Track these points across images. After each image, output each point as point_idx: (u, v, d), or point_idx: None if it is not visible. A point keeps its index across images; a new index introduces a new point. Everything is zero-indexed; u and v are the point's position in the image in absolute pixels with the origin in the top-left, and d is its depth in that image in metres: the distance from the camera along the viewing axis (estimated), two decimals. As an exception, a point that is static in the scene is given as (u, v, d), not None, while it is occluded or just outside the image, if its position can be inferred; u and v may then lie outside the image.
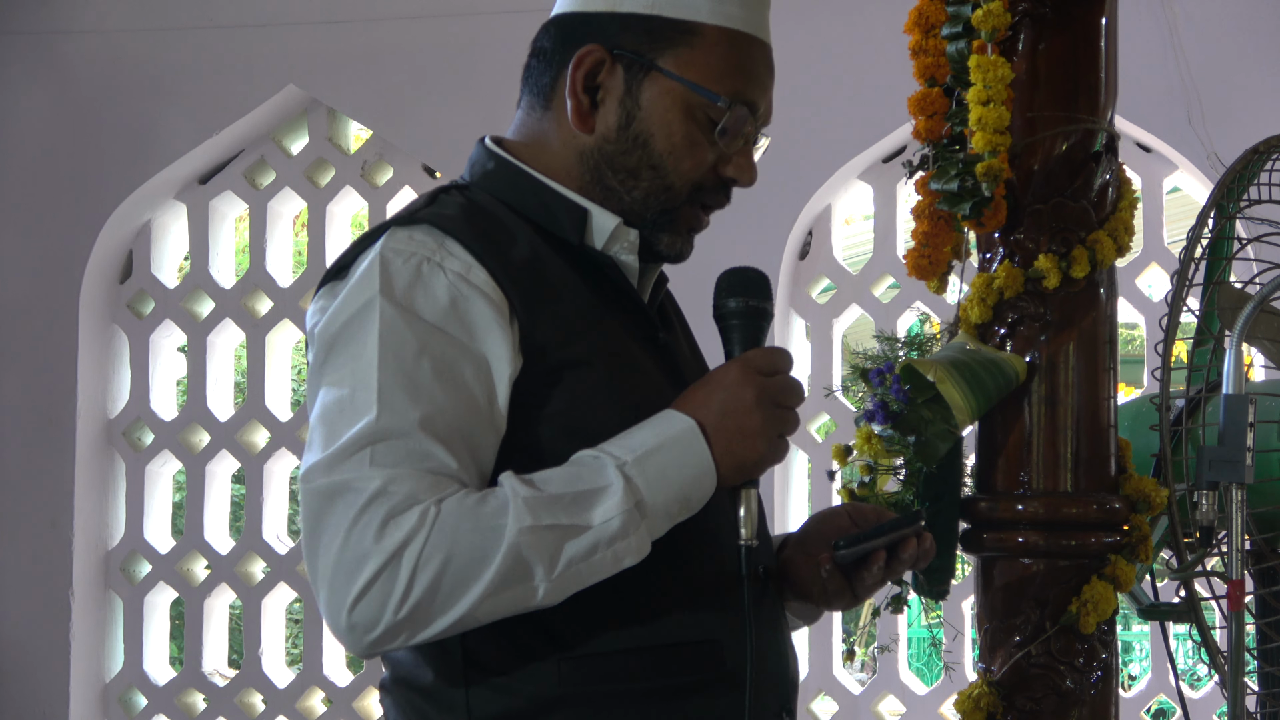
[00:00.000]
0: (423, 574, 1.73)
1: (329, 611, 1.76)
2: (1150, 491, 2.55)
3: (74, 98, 5.46)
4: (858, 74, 4.88)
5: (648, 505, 1.79)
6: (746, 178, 1.98)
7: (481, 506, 1.75)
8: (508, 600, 1.76)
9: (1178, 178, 4.97)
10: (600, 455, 1.81)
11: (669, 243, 1.97)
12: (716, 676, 1.88)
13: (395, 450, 1.76)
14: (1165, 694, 4.86)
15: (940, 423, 2.45)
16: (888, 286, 5.18)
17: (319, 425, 1.80)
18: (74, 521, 5.37)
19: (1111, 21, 2.61)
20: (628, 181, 1.95)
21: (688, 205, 1.97)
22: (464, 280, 1.83)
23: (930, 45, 2.58)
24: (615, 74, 1.94)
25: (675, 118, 1.93)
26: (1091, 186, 2.57)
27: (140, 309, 5.53)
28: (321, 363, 1.84)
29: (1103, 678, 2.54)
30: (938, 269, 2.58)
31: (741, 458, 1.84)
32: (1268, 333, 2.68)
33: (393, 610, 1.73)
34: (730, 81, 1.94)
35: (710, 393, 1.85)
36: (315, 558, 1.77)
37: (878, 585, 2.01)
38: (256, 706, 5.40)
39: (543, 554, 1.75)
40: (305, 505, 1.78)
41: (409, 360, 1.79)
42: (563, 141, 1.97)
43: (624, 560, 1.79)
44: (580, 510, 1.77)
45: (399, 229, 1.87)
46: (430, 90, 5.23)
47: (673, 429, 1.83)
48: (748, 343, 1.91)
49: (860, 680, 5.21)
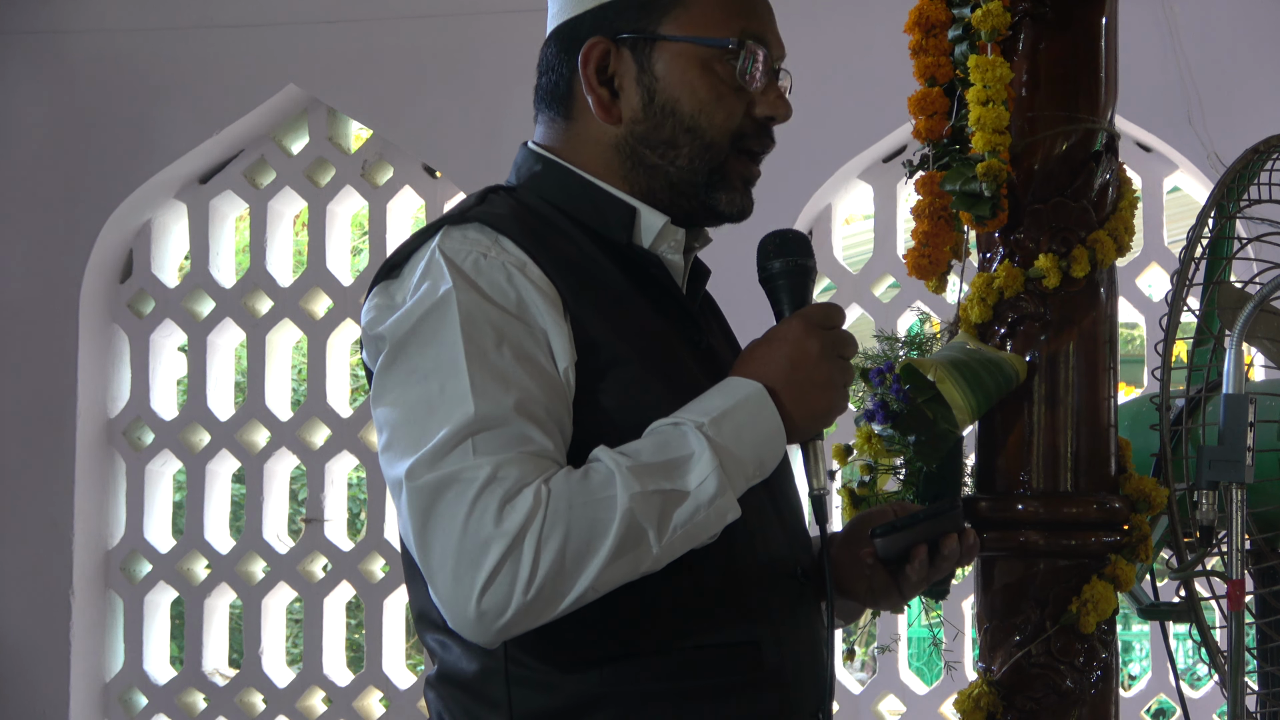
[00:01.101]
0: (546, 552, 1.74)
1: (453, 603, 1.76)
2: (1150, 491, 2.55)
3: (74, 97, 5.46)
4: (858, 74, 4.88)
5: (728, 465, 1.82)
6: (782, 111, 2.00)
7: (588, 481, 1.78)
8: (625, 566, 1.78)
9: (1178, 177, 4.97)
10: (680, 422, 1.83)
11: (728, 201, 2.00)
12: (756, 678, 1.90)
13: (497, 438, 1.78)
14: (1165, 693, 4.86)
15: (940, 422, 2.45)
16: (888, 286, 5.18)
17: (407, 423, 1.81)
18: (74, 521, 5.37)
19: (1112, 21, 2.61)
20: (669, 153, 1.97)
21: (733, 157, 1.98)
22: (521, 274, 1.86)
23: (930, 45, 2.58)
24: (624, 58, 1.96)
25: (694, 76, 1.96)
26: (1092, 186, 2.57)
27: (140, 308, 5.53)
28: (393, 361, 1.84)
29: (1103, 677, 2.54)
30: (938, 268, 2.58)
31: (814, 409, 1.88)
32: (1268, 332, 2.68)
33: (521, 591, 1.74)
34: (733, 23, 1.96)
35: (775, 349, 1.89)
36: (429, 552, 1.77)
37: (923, 583, 2.04)
38: (257, 706, 5.40)
39: (653, 518, 1.78)
40: (412, 502, 1.78)
41: (492, 349, 1.81)
42: (595, 140, 1.99)
43: (727, 517, 1.82)
44: (677, 476, 1.80)
45: (453, 228, 1.89)
46: (430, 90, 5.23)
47: (742, 392, 1.86)
48: (796, 301, 1.95)
49: (860, 680, 5.21)
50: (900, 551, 2.00)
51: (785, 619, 1.94)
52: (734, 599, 1.90)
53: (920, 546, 1.99)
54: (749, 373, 1.88)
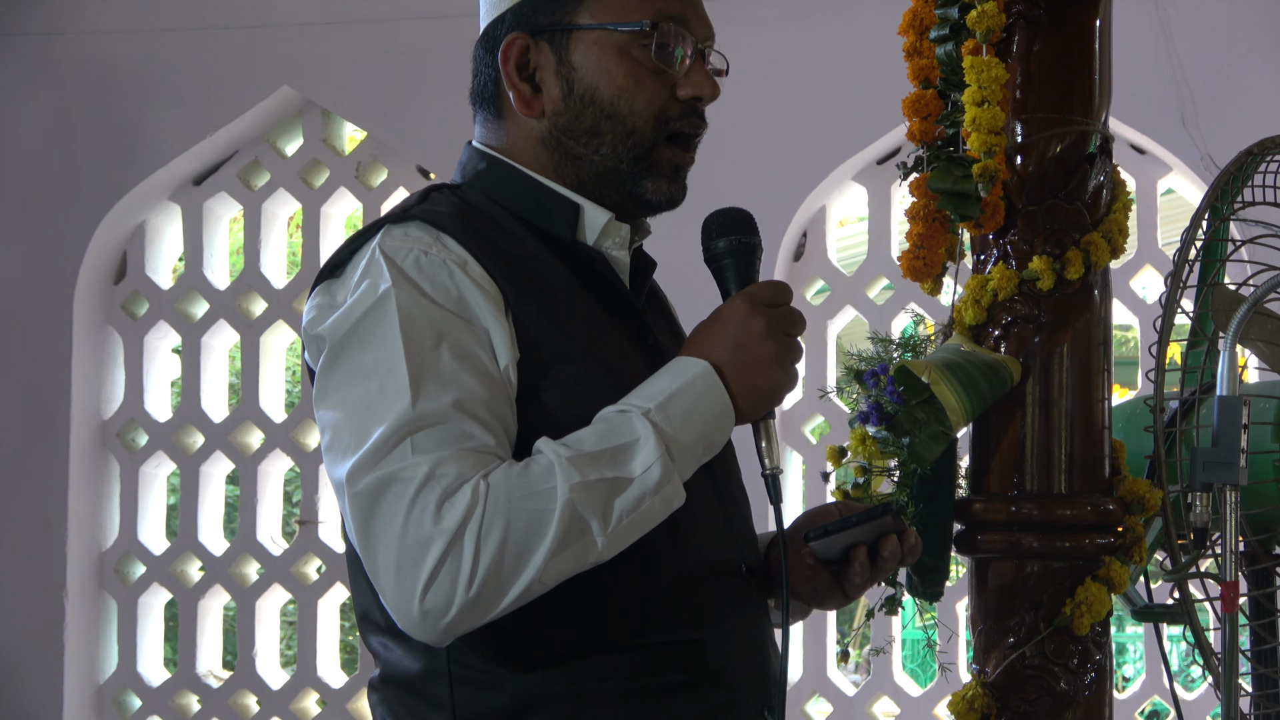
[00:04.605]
0: (486, 548, 1.73)
1: (398, 604, 1.75)
2: (1144, 493, 2.55)
3: (68, 99, 5.46)
4: (852, 76, 4.88)
5: (675, 450, 1.81)
6: (707, 90, 1.98)
7: (528, 473, 1.77)
8: (570, 558, 1.77)
9: (1172, 179, 4.97)
10: (626, 408, 1.82)
11: (654, 189, 1.98)
12: (701, 675, 1.89)
13: (435, 435, 1.76)
14: (1159, 695, 4.87)
15: (934, 424, 2.45)
16: (882, 288, 5.18)
17: (347, 423, 1.80)
18: (68, 523, 5.37)
19: (1106, 23, 2.62)
20: (592, 142, 1.96)
21: (661, 144, 1.97)
22: (462, 271, 1.85)
23: (924, 47, 2.58)
24: (542, 51, 1.97)
25: (611, 62, 1.95)
26: (1086, 188, 2.57)
27: (134, 310, 5.53)
28: (334, 362, 1.84)
29: (1097, 679, 2.54)
30: (932, 271, 2.58)
31: (761, 388, 1.87)
32: (1261, 334, 2.68)
33: (464, 589, 1.73)
34: (648, 6, 1.96)
35: (720, 329, 1.88)
36: (374, 554, 1.76)
37: (866, 584, 2.02)
38: (251, 708, 5.39)
39: (596, 508, 1.77)
40: (353, 505, 1.77)
41: (431, 348, 1.80)
42: (525, 136, 1.99)
43: (673, 503, 1.81)
44: (621, 463, 1.79)
45: (394, 226, 1.88)
46: (425, 92, 5.23)
47: (688, 373, 1.85)
48: (743, 279, 1.94)
49: (855, 682, 5.20)
50: (837, 554, 1.99)
51: (731, 617, 1.93)
52: (679, 598, 1.89)
53: (860, 548, 1.98)
54: (695, 352, 1.87)
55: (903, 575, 2.54)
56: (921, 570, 2.52)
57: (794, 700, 5.09)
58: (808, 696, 5.08)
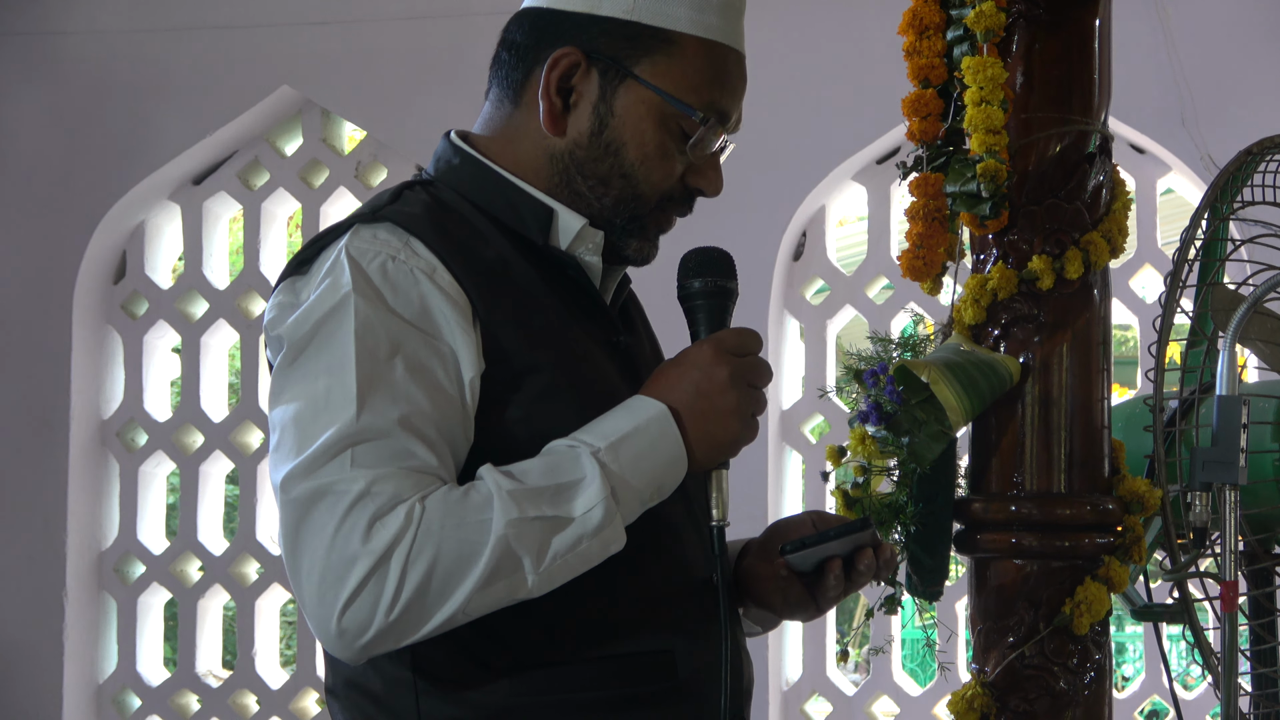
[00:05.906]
0: (412, 573, 1.70)
1: (317, 618, 1.72)
2: (1144, 492, 2.55)
3: (67, 99, 5.46)
4: (852, 75, 4.88)
5: (621, 493, 1.77)
6: (713, 189, 1.96)
7: (466, 502, 1.73)
8: (498, 593, 1.74)
9: (1171, 179, 4.97)
10: (575, 444, 1.79)
11: (637, 248, 1.96)
12: (670, 687, 1.87)
13: (377, 450, 1.73)
14: (1159, 695, 4.87)
15: (934, 424, 2.45)
16: (882, 288, 5.18)
17: (291, 427, 1.77)
18: (67, 522, 5.37)
19: (1105, 23, 2.62)
20: (598, 189, 1.92)
21: (656, 210, 1.95)
22: (430, 280, 1.81)
23: (924, 47, 2.58)
24: (590, 78, 1.91)
25: (649, 127, 1.91)
26: (1085, 188, 2.58)
27: (134, 310, 5.53)
28: (291, 362, 1.80)
29: (1096, 678, 2.54)
30: (932, 270, 2.58)
31: (717, 438, 1.83)
32: (1261, 334, 2.68)
33: (384, 612, 1.70)
34: (706, 93, 1.92)
35: (684, 373, 1.84)
36: (298, 564, 1.73)
37: (840, 596, 1.99)
38: (250, 707, 5.40)
39: (530, 546, 1.73)
40: (285, 511, 1.74)
41: (384, 359, 1.77)
42: (532, 140, 1.94)
43: (610, 548, 1.78)
44: (562, 502, 1.75)
45: (363, 227, 1.84)
46: (424, 91, 5.23)
47: (644, 414, 1.81)
48: (714, 323, 1.90)
49: (854, 681, 5.21)
50: (812, 566, 1.98)
51: (700, 627, 1.90)
52: (648, 608, 1.87)
53: (835, 561, 1.95)
54: (655, 394, 1.83)
55: (902, 574, 2.55)
56: (921, 570, 2.53)
57: (793, 700, 5.09)
58: (807, 696, 5.08)
